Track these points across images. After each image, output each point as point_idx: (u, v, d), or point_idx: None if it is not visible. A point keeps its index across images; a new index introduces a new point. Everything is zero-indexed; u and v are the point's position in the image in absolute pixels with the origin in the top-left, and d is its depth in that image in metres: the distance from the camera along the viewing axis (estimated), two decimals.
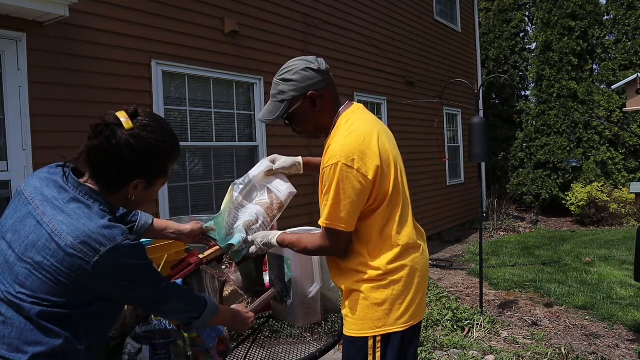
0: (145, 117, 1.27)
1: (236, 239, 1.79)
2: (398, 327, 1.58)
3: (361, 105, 1.74)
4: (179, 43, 4.76)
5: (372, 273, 1.58)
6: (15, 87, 3.57)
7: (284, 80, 1.63)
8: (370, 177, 1.52)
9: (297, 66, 1.62)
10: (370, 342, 1.58)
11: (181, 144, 5.03)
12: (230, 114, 5.41)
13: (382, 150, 1.56)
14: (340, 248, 1.61)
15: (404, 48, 8.63)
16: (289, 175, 1.97)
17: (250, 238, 1.79)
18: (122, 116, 1.23)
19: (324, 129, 1.68)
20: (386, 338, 1.58)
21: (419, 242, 1.67)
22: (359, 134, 1.55)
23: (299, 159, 1.97)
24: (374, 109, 7.80)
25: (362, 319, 1.59)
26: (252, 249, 1.79)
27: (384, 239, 1.59)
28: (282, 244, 1.73)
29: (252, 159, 5.62)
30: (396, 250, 1.59)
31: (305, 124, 1.68)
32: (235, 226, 1.84)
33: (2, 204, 3.54)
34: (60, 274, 1.15)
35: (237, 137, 5.47)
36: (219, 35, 5.20)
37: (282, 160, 1.96)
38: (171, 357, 1.54)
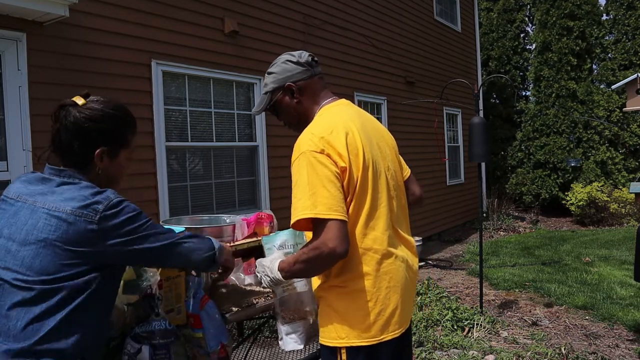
0: (96, 96, 1.41)
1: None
2: (363, 341, 1.48)
3: (346, 101, 1.71)
4: (179, 43, 4.76)
5: (332, 278, 1.52)
6: (15, 87, 3.57)
7: (268, 73, 1.70)
8: (340, 164, 1.45)
9: (279, 59, 1.69)
10: (337, 354, 1.50)
11: (181, 144, 4.97)
12: (230, 114, 5.41)
13: (350, 145, 1.49)
14: (336, 244, 1.38)
15: (404, 48, 8.63)
16: None
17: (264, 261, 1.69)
18: (76, 98, 1.38)
19: (306, 121, 1.65)
20: (351, 351, 1.48)
21: (391, 249, 1.53)
22: (327, 126, 1.52)
23: None
24: (374, 109, 7.80)
25: (326, 326, 1.53)
26: (262, 276, 1.66)
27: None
28: (282, 271, 1.57)
29: (252, 159, 5.62)
30: (356, 255, 1.48)
31: (287, 115, 1.70)
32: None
33: None
34: (67, 243, 1.20)
35: (237, 137, 5.46)
36: (219, 35, 5.20)
37: None
38: (171, 357, 1.54)
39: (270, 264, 1.60)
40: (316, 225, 1.43)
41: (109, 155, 1.39)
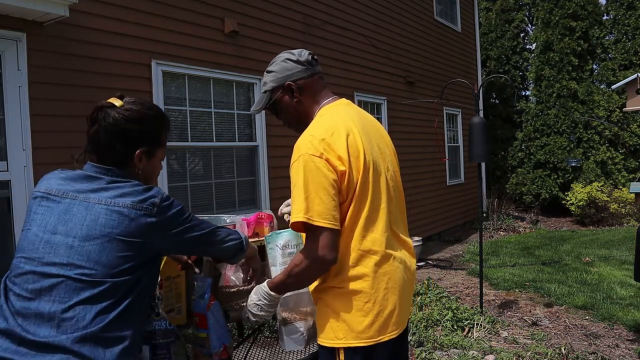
0: (131, 97, 1.44)
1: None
2: (361, 342, 1.47)
3: (346, 101, 1.69)
4: (179, 43, 4.76)
5: (330, 279, 1.52)
6: (15, 87, 3.57)
7: (267, 71, 1.69)
8: (339, 168, 1.45)
9: (279, 58, 1.68)
10: (335, 354, 1.50)
11: (181, 144, 4.97)
12: (230, 114, 5.41)
13: (350, 146, 1.48)
14: (325, 252, 1.43)
15: (404, 48, 8.63)
16: None
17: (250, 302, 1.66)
18: (113, 100, 1.40)
19: (305, 121, 1.64)
20: (349, 352, 1.48)
21: (389, 251, 1.53)
22: (327, 128, 1.50)
23: None
24: (374, 109, 7.80)
25: (324, 326, 1.53)
26: (252, 309, 1.63)
27: (345, 243, 1.49)
28: (274, 287, 1.58)
29: (252, 159, 5.62)
30: (354, 256, 1.48)
31: (287, 114, 1.69)
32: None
33: (2, 204, 3.54)
34: (130, 235, 1.25)
35: (237, 137, 5.47)
36: (219, 35, 5.20)
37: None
38: (171, 357, 1.54)
39: (256, 293, 1.61)
40: (308, 229, 1.45)
41: (147, 156, 1.43)
